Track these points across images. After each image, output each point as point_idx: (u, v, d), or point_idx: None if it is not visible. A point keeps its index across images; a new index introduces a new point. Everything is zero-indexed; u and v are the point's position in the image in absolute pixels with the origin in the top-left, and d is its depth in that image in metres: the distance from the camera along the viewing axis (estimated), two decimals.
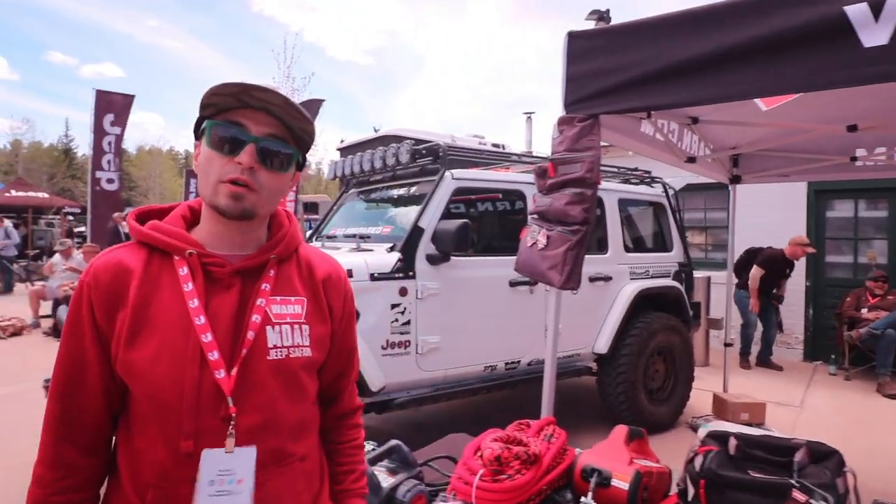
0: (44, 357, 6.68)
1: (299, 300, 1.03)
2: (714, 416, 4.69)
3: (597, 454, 1.81)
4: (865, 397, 5.69)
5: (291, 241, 1.06)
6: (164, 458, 0.90)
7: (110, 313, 0.93)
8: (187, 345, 0.91)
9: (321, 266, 1.10)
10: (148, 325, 0.92)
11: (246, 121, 0.95)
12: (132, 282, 0.93)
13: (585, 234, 2.08)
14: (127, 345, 0.91)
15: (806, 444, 1.63)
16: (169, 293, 0.94)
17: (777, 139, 3.84)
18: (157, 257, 0.97)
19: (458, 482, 1.67)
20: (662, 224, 5.24)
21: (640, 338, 4.49)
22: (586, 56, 2.20)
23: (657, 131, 3.05)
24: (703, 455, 1.71)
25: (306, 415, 1.05)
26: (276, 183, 0.97)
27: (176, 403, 0.89)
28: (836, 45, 1.67)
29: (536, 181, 2.33)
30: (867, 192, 6.86)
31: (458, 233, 3.43)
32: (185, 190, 19.15)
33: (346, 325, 1.13)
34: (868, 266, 6.85)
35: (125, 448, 0.96)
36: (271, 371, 0.96)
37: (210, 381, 0.91)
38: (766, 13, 1.81)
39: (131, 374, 0.91)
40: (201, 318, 0.92)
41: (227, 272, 0.96)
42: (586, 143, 2.11)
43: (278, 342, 0.97)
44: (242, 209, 0.94)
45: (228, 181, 0.93)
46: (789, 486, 1.47)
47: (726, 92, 1.92)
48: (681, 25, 1.98)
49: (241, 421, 0.92)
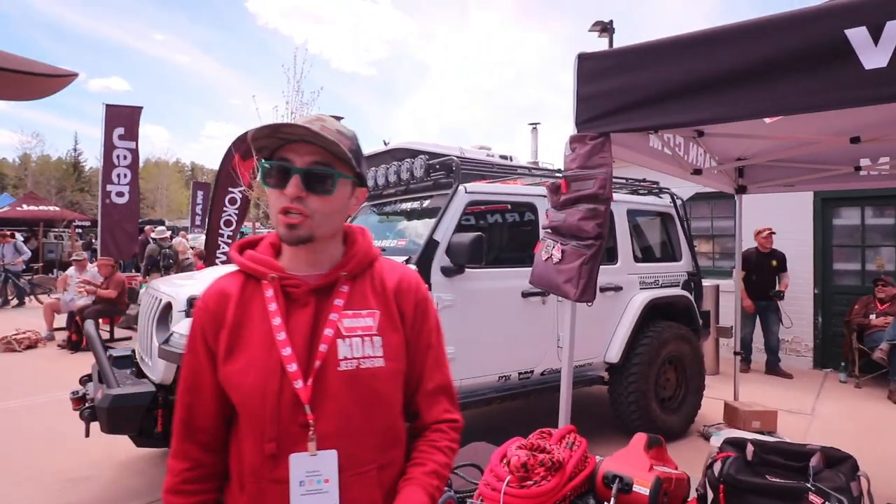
0: (59, 369, 6.79)
1: (371, 313, 1.09)
2: (725, 425, 4.72)
3: (618, 461, 1.87)
4: (877, 405, 5.71)
5: (363, 258, 1.13)
6: (255, 459, 1.03)
7: (215, 333, 1.08)
8: (270, 358, 1.03)
9: (391, 276, 1.16)
10: (240, 342, 1.06)
11: (291, 154, 1.03)
12: (230, 305, 1.08)
13: (599, 248, 2.16)
14: (224, 360, 1.06)
15: (821, 450, 1.70)
16: (258, 313, 1.07)
17: (781, 151, 3.91)
18: (252, 282, 1.11)
19: (485, 488, 1.74)
20: (671, 234, 5.31)
21: (651, 347, 4.54)
22: (597, 76, 2.29)
23: (664, 145, 3.14)
24: (721, 461, 1.77)
25: (387, 426, 1.09)
26: (326, 206, 1.04)
27: (261, 410, 1.01)
28: (838, 67, 1.75)
29: (550, 197, 2.41)
30: (874, 199, 6.90)
31: (472, 245, 3.51)
32: (191, 202, 19.32)
33: (418, 330, 1.15)
34: (876, 273, 6.89)
35: (233, 448, 1.10)
36: (343, 381, 1.03)
37: (290, 391, 1.01)
38: (770, 35, 1.89)
39: (228, 385, 1.05)
40: (282, 334, 1.03)
41: (303, 291, 1.07)
42: (598, 161, 2.20)
43: (349, 354, 1.05)
44: (297, 236, 1.03)
45: (282, 212, 1.03)
46: (806, 490, 1.53)
47: (732, 112, 2.00)
48: (688, 47, 2.07)
49: (318, 427, 1.01)
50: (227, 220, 9.94)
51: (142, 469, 3.98)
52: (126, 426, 3.04)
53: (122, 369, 3.50)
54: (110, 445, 4.17)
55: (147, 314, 3.50)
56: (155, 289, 3.61)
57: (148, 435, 3.15)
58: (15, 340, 7.91)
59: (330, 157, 1.04)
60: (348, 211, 1.11)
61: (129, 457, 4.14)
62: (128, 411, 2.99)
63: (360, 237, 1.17)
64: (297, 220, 1.02)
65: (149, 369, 3.28)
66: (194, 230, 17.48)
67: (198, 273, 4.46)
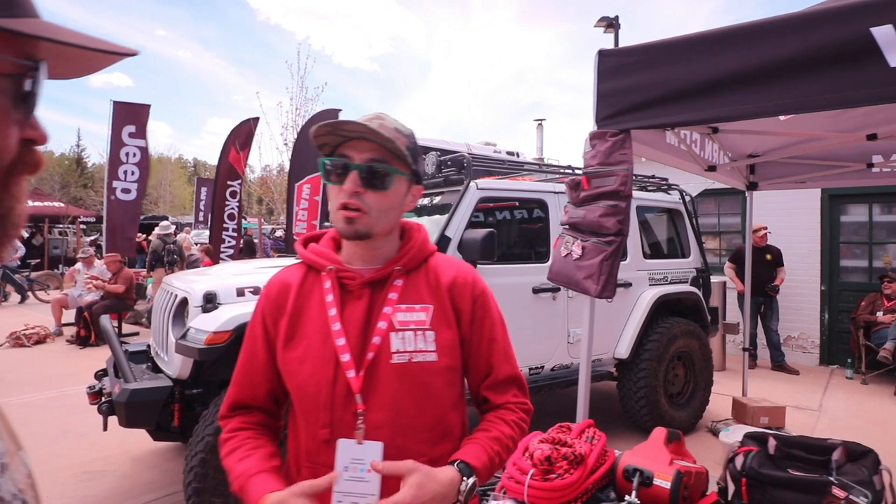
0: (69, 364, 6.83)
1: (425, 307, 1.11)
2: (734, 420, 4.74)
3: (638, 455, 1.89)
4: (884, 400, 5.73)
5: (418, 253, 1.15)
6: (310, 443, 1.07)
7: (275, 320, 1.12)
8: (326, 348, 1.06)
9: (447, 272, 1.16)
10: (299, 330, 1.10)
11: (350, 151, 1.06)
12: (291, 294, 1.13)
13: (620, 244, 2.17)
14: (284, 347, 1.10)
15: (842, 444, 1.71)
16: (316, 303, 1.11)
17: (794, 147, 3.91)
18: (312, 274, 1.15)
19: (508, 481, 1.76)
20: (680, 230, 5.31)
21: (661, 343, 4.56)
22: (616, 73, 2.29)
23: (681, 142, 3.14)
24: (743, 455, 1.79)
25: (437, 420, 1.10)
26: (383, 201, 1.06)
27: (316, 398, 1.05)
28: (864, 65, 1.76)
29: (569, 193, 2.42)
30: (881, 196, 6.90)
31: (484, 241, 3.52)
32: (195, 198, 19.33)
33: (479, 325, 1.15)
34: (883, 270, 6.89)
35: (290, 432, 1.16)
36: (394, 374, 1.05)
37: (343, 380, 1.05)
38: (795, 33, 1.90)
39: (286, 372, 1.10)
40: (337, 325, 1.07)
41: (358, 284, 1.10)
42: (619, 157, 2.21)
43: (401, 347, 1.07)
44: (355, 231, 1.06)
45: (341, 207, 1.05)
46: (829, 484, 1.55)
47: (754, 109, 2.00)
48: (711, 44, 2.07)
49: (368, 417, 1.04)
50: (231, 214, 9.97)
51: (156, 463, 4.01)
52: (144, 420, 3.07)
53: (138, 364, 3.52)
54: (125, 440, 4.21)
55: (162, 309, 3.52)
56: (169, 284, 3.63)
57: (165, 429, 3.18)
58: (24, 336, 7.95)
59: (387, 154, 1.06)
60: (404, 207, 1.13)
61: (143, 451, 4.17)
62: (146, 406, 3.01)
63: (415, 233, 1.18)
64: (354, 215, 1.04)
65: (165, 364, 3.30)
66: (198, 226, 17.50)
67: (210, 269, 4.48)
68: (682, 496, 1.81)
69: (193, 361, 3.00)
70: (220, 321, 2.88)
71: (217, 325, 2.86)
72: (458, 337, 1.13)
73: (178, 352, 2.99)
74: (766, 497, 1.67)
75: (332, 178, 1.07)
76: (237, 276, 3.38)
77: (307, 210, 7.81)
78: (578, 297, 4.23)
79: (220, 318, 2.90)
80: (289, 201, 8.01)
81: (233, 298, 3.09)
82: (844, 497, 1.46)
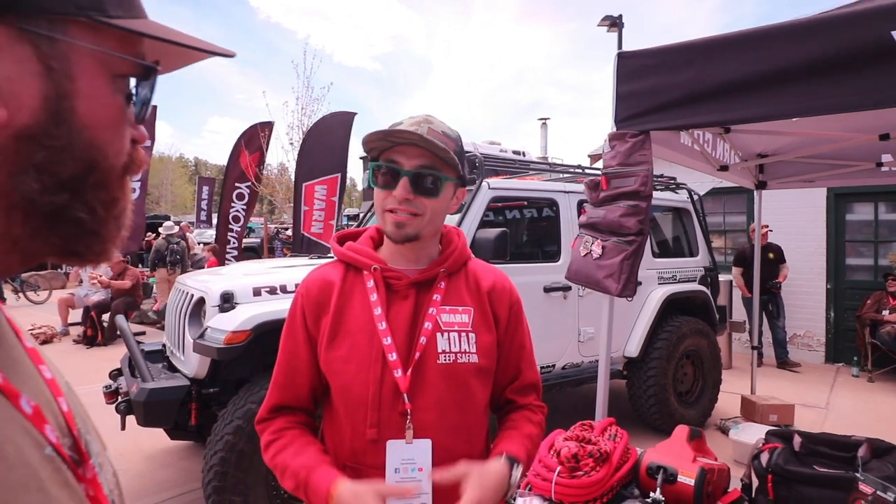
0: (77, 364, 6.85)
1: (466, 310, 1.14)
2: (742, 418, 4.76)
3: (661, 452, 1.91)
4: (890, 398, 5.75)
5: (460, 256, 1.18)
6: (355, 443, 1.07)
7: (317, 318, 1.12)
8: (372, 346, 1.07)
9: (487, 277, 1.20)
10: (343, 329, 1.10)
11: (400, 157, 1.07)
12: (333, 293, 1.13)
13: (641, 243, 2.19)
14: (328, 346, 1.10)
15: (867, 441, 1.73)
16: (359, 302, 1.11)
17: (804, 147, 3.93)
18: (352, 272, 1.16)
19: (535, 479, 1.79)
20: (688, 229, 5.34)
21: (670, 342, 4.58)
22: (636, 75, 2.31)
23: (694, 142, 3.16)
24: (768, 452, 1.81)
25: (476, 420, 1.14)
26: (432, 206, 1.08)
27: (363, 396, 1.06)
28: (884, 67, 1.77)
29: (588, 193, 2.44)
30: (887, 195, 6.92)
31: (497, 241, 3.54)
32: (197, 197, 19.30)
33: (512, 331, 1.19)
34: (889, 268, 6.91)
35: (329, 432, 1.15)
36: (440, 374, 1.08)
37: (390, 379, 1.06)
38: (814, 36, 1.92)
39: (330, 371, 1.10)
40: (383, 324, 1.08)
41: (404, 284, 1.11)
42: (639, 158, 2.23)
43: (447, 348, 1.09)
44: (405, 235, 1.08)
45: (390, 211, 1.07)
46: (855, 480, 1.57)
47: (775, 110, 2.02)
48: (730, 47, 2.09)
49: (415, 417, 1.05)
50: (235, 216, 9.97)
51: (170, 461, 4.03)
52: (162, 419, 3.09)
53: (155, 364, 3.55)
54: (137, 439, 4.22)
55: (177, 309, 3.54)
56: (183, 283, 3.66)
57: (182, 428, 3.20)
58: (31, 336, 7.95)
59: (436, 160, 1.07)
60: (449, 210, 1.15)
61: (156, 449, 4.20)
62: (164, 405, 3.03)
63: (455, 237, 1.21)
64: (404, 219, 1.06)
65: (181, 363, 3.32)
66: (200, 225, 17.49)
67: (223, 269, 4.51)
68: (706, 493, 1.84)
69: (211, 361, 3.03)
70: (238, 320, 2.90)
71: (236, 324, 2.89)
72: (495, 340, 1.16)
73: (196, 351, 3.01)
74: (791, 493, 1.69)
75: (380, 182, 1.09)
76: (253, 276, 3.40)
77: (323, 210, 7.79)
78: (589, 297, 4.25)
79: (238, 318, 2.92)
80: (295, 201, 8.01)
81: (249, 298, 3.11)
82: (872, 493, 1.48)
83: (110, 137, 0.50)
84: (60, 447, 0.49)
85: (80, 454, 0.52)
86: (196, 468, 3.86)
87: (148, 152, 9.71)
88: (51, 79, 0.45)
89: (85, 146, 0.48)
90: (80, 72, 0.47)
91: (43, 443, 0.46)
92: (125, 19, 0.49)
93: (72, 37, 0.46)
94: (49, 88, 0.45)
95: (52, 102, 0.45)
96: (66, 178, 0.47)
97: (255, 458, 2.75)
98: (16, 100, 0.43)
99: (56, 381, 0.57)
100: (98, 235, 0.51)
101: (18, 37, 0.43)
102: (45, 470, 0.45)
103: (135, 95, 0.53)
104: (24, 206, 0.46)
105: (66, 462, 0.49)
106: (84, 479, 0.51)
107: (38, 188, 0.46)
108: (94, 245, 0.51)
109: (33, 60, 0.44)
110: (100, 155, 0.49)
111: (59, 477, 0.46)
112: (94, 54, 0.48)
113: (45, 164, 0.46)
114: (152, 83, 0.54)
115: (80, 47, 0.47)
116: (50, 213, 0.47)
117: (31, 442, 0.45)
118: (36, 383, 0.53)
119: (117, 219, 0.53)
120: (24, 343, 0.56)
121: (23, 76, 0.44)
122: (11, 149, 0.44)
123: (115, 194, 0.52)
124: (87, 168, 0.48)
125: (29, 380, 0.52)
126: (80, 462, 0.52)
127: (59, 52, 0.45)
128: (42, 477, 0.44)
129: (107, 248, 0.52)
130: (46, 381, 0.55)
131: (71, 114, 0.46)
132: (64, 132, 0.46)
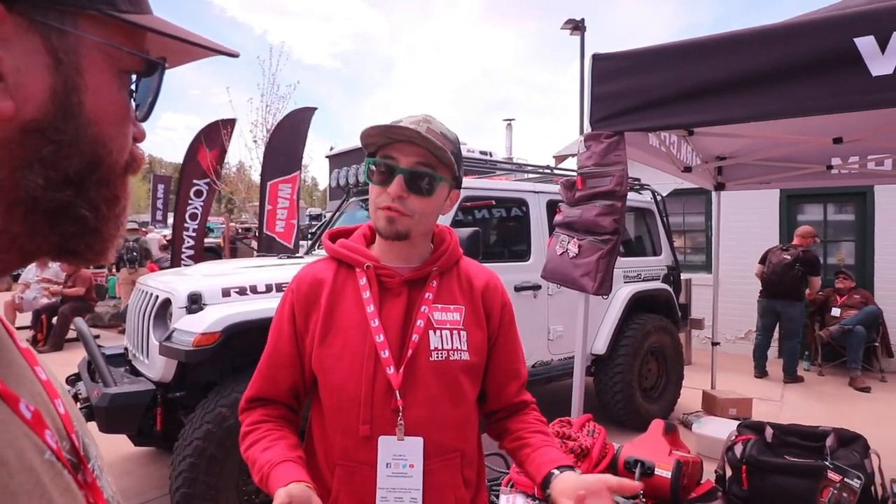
0: None
1: (458, 308, 1.15)
2: (704, 412, 4.92)
3: (638, 447, 1.96)
4: (839, 390, 6.05)
5: (452, 255, 1.18)
6: (347, 441, 1.06)
7: (306, 315, 1.12)
8: (364, 344, 1.07)
9: (479, 276, 1.21)
10: (335, 326, 1.10)
11: (396, 154, 1.07)
12: (324, 290, 1.12)
13: (616, 242, 2.24)
14: (319, 343, 1.10)
15: (833, 431, 1.82)
16: (351, 299, 1.11)
17: (761, 149, 4.10)
18: (344, 269, 1.16)
19: (518, 476, 1.80)
20: (651, 229, 5.48)
21: (636, 339, 4.70)
22: (610, 77, 2.36)
23: (661, 143, 3.25)
24: (742, 443, 1.88)
25: (466, 415, 1.15)
26: (425, 206, 1.09)
27: (355, 394, 1.05)
28: (848, 73, 1.87)
29: (564, 193, 2.48)
30: (836, 196, 7.27)
31: (470, 240, 3.54)
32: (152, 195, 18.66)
33: (506, 330, 1.22)
34: (837, 267, 7.25)
35: (318, 431, 1.13)
36: (432, 371, 1.08)
37: (383, 376, 1.06)
38: (782, 41, 2.00)
39: (322, 368, 1.09)
40: (376, 322, 1.08)
41: (397, 282, 1.11)
42: (614, 158, 2.27)
43: (439, 345, 1.10)
44: (396, 231, 1.07)
45: (384, 208, 1.06)
46: (824, 468, 1.64)
47: (745, 113, 2.10)
48: (702, 51, 2.16)
49: (407, 413, 1.05)
50: (193, 214, 9.67)
51: (130, 469, 3.89)
52: (126, 425, 2.97)
53: (117, 367, 3.41)
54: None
55: (139, 310, 3.41)
56: (145, 284, 3.53)
57: (147, 434, 3.09)
58: None
59: (433, 160, 1.08)
60: (443, 211, 1.15)
61: (115, 457, 4.03)
62: (128, 410, 2.92)
63: (447, 236, 1.21)
64: (396, 216, 1.06)
65: (145, 367, 3.20)
66: (156, 225, 16.92)
67: (188, 269, 4.37)
68: (682, 485, 1.89)
69: (178, 364, 2.93)
70: (207, 322, 2.82)
71: (205, 326, 2.80)
72: (486, 337, 1.18)
73: (163, 354, 2.91)
74: (765, 483, 1.76)
75: (375, 178, 1.08)
76: (221, 277, 3.31)
77: (287, 209, 7.64)
78: (559, 295, 4.31)
79: (207, 319, 2.84)
80: (261, 200, 7.84)
81: (218, 299, 3.03)
82: (839, 480, 1.56)
83: (115, 134, 0.49)
84: (60, 452, 0.47)
85: (78, 458, 0.51)
86: (157, 475, 3.73)
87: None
88: (59, 72, 0.44)
89: (91, 142, 0.47)
90: (89, 66, 0.46)
91: (43, 448, 0.45)
92: (134, 14, 0.48)
93: (82, 30, 0.45)
94: (57, 81, 0.44)
95: (61, 96, 0.44)
96: (72, 173, 0.46)
97: (226, 463, 2.68)
98: (23, 92, 0.42)
99: (52, 382, 0.55)
100: (99, 234, 0.50)
101: (28, 28, 0.42)
102: (47, 475, 0.44)
103: (135, 92, 0.52)
104: (26, 201, 0.44)
105: (65, 467, 0.47)
106: (84, 485, 0.50)
107: (42, 183, 0.44)
108: (94, 244, 0.50)
109: (42, 52, 0.43)
110: (104, 151, 0.48)
111: (60, 482, 0.45)
112: (103, 48, 0.47)
113: (50, 158, 0.44)
114: (159, 80, 0.53)
115: (89, 41, 0.45)
116: (52, 210, 0.46)
117: (32, 447, 0.44)
118: (33, 386, 0.51)
119: (118, 217, 0.52)
120: (17, 344, 0.54)
121: (31, 68, 0.42)
122: (16, 142, 0.43)
123: (116, 192, 0.51)
124: (91, 164, 0.47)
125: (27, 383, 0.50)
126: (79, 466, 0.50)
127: (69, 45, 0.44)
128: (44, 482, 0.43)
129: (106, 247, 0.51)
130: (42, 382, 0.53)
131: (79, 108, 0.45)
132: (71, 126, 0.45)
